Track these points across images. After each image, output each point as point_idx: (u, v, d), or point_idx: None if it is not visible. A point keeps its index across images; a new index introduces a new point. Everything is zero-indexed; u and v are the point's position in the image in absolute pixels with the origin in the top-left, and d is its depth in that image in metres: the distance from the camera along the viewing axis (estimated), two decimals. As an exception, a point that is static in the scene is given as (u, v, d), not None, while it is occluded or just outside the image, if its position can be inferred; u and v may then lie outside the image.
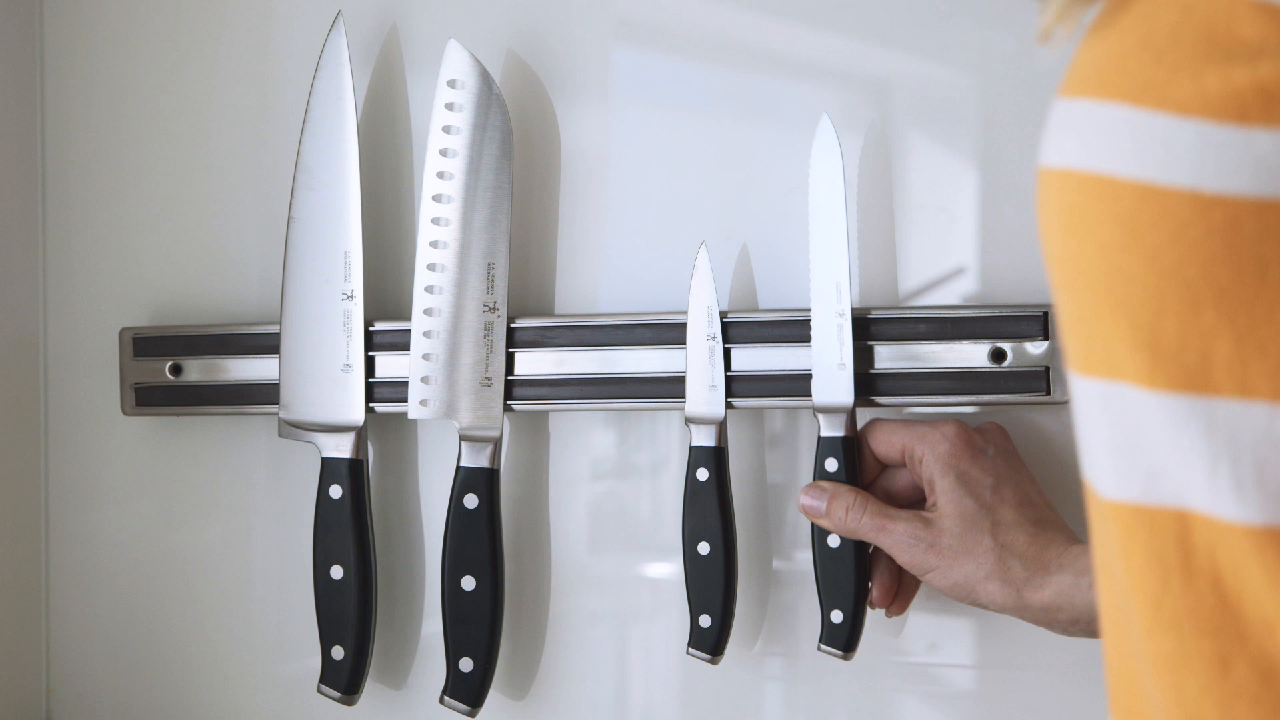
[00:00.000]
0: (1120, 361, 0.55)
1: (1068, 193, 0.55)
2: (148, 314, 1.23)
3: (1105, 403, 0.56)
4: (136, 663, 1.24)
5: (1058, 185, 0.56)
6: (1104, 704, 1.07)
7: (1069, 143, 0.56)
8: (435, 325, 1.12)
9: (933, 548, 0.99)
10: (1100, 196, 0.54)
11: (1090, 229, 0.55)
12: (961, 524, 0.98)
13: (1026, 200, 1.08)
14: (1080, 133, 0.55)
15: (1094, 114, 0.55)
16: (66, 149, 1.26)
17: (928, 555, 0.99)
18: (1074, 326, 0.56)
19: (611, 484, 1.18)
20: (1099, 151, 0.54)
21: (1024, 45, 1.08)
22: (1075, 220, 0.55)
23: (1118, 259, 0.54)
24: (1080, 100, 0.56)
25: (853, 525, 1.02)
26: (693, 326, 1.09)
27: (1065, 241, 0.56)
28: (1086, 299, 0.55)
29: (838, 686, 1.12)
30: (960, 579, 0.98)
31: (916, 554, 0.99)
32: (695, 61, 1.17)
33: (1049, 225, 0.57)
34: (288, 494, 1.21)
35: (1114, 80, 0.54)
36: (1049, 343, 1.03)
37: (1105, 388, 0.55)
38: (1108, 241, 0.54)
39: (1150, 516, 0.55)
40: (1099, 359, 0.55)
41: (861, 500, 1.02)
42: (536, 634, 1.17)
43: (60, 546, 1.26)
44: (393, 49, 1.18)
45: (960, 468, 0.99)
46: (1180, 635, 0.54)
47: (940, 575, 0.98)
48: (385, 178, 1.18)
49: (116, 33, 1.25)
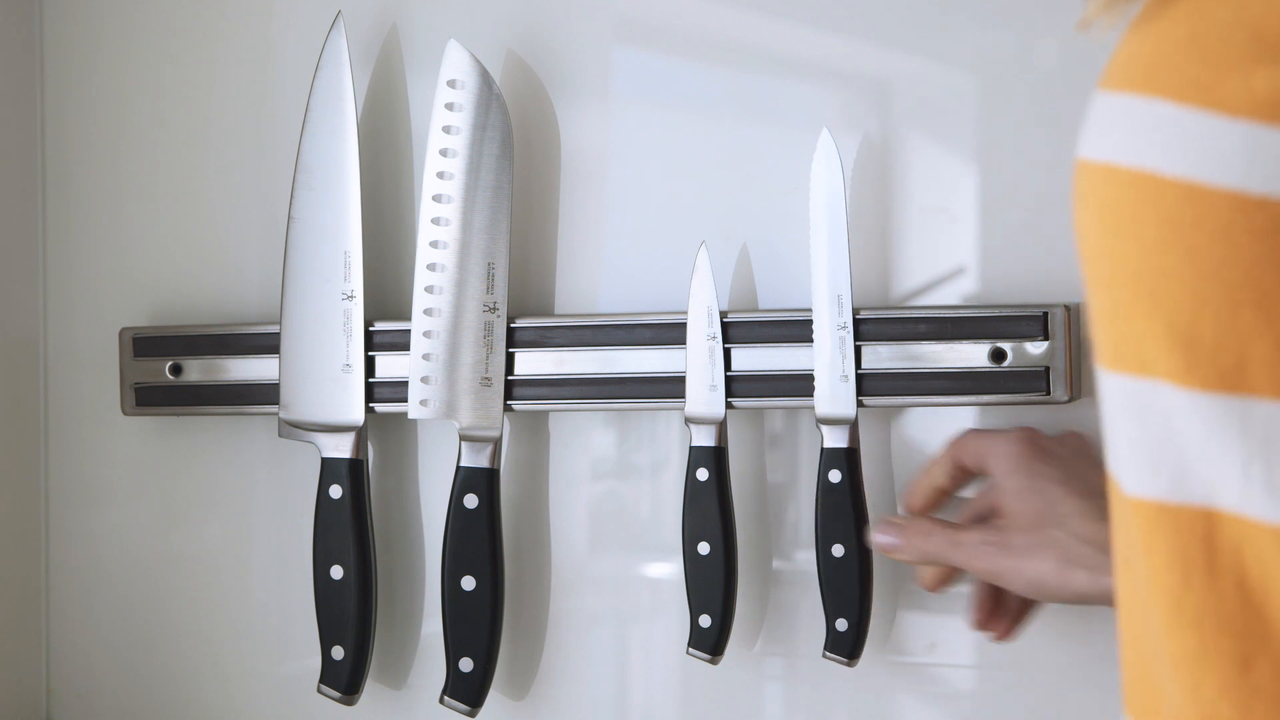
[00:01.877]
0: (1153, 359, 0.54)
1: (1108, 188, 0.55)
2: (148, 314, 1.23)
3: (1134, 400, 0.55)
4: (136, 662, 1.24)
5: (1098, 180, 0.55)
6: (1103, 704, 1.07)
7: (1111, 138, 0.55)
8: (435, 325, 1.12)
9: (1004, 549, 0.96)
10: (1142, 194, 0.54)
11: (1130, 227, 0.54)
12: (1030, 520, 0.96)
13: (1026, 200, 1.08)
14: (1123, 128, 0.55)
15: (1138, 110, 0.54)
16: (66, 149, 1.26)
17: (1000, 558, 0.96)
18: (1107, 322, 0.56)
19: (611, 484, 1.18)
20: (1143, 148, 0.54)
21: (1024, 45, 1.08)
22: (1115, 217, 0.55)
23: (1158, 258, 0.53)
24: (1124, 95, 0.55)
25: (930, 549, 1.00)
26: (693, 326, 1.09)
27: (1103, 237, 0.55)
28: (1122, 296, 0.55)
29: (838, 686, 1.12)
30: (1035, 576, 0.95)
31: (989, 559, 0.97)
32: (695, 61, 1.17)
33: (1086, 220, 0.56)
34: (288, 494, 1.21)
35: (1160, 76, 0.54)
36: (1049, 343, 1.03)
37: (1135, 385, 0.55)
38: (1148, 240, 0.54)
39: (1175, 514, 0.55)
40: (1131, 356, 0.55)
41: (929, 524, 1.00)
42: (536, 634, 1.17)
43: (60, 546, 1.26)
44: (393, 49, 1.18)
45: (1029, 467, 0.98)
46: (1201, 634, 0.54)
47: (1016, 574, 0.96)
48: (385, 178, 1.18)
49: (116, 33, 1.25)
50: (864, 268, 1.09)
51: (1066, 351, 1.03)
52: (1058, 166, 1.07)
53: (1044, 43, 1.08)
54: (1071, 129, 1.07)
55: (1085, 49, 1.06)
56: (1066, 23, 1.07)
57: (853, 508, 1.06)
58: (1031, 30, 1.08)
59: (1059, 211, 1.07)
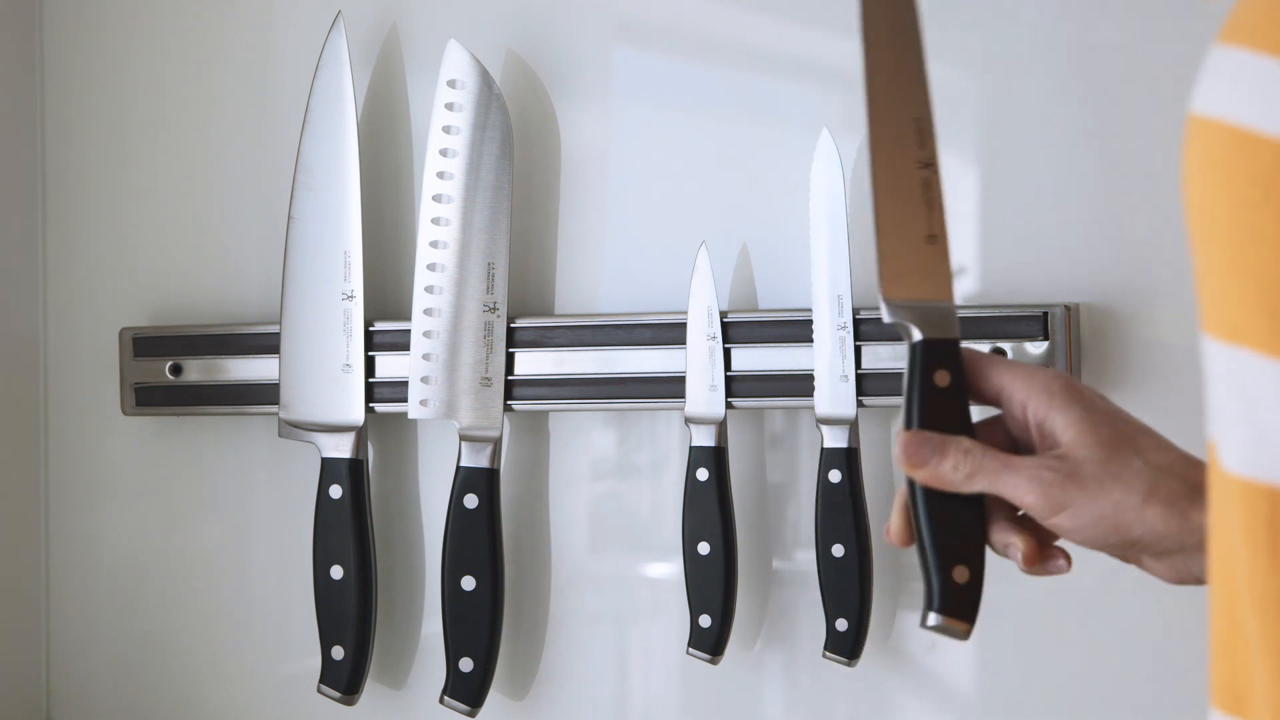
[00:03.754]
0: (1241, 324, 0.53)
1: (1210, 143, 0.54)
2: (148, 314, 1.23)
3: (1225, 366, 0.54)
4: (137, 662, 1.24)
5: (1202, 134, 0.54)
6: (1103, 703, 1.07)
7: (1217, 91, 0.54)
8: (435, 325, 1.12)
9: (1071, 477, 0.79)
10: (1240, 151, 0.53)
11: (1227, 183, 0.53)
12: (1103, 449, 0.80)
13: (1026, 200, 1.08)
14: (1229, 82, 0.54)
15: (1245, 64, 0.53)
16: (66, 149, 1.26)
17: (1066, 487, 0.79)
18: (1205, 281, 0.55)
19: (611, 484, 1.18)
20: (1245, 104, 0.53)
21: (1025, 45, 1.08)
22: (1214, 172, 0.54)
23: (1250, 217, 0.52)
24: (1235, 49, 0.54)
25: (970, 469, 0.81)
26: (693, 326, 1.09)
27: (1203, 192, 0.54)
28: (1216, 256, 0.54)
29: (838, 686, 1.12)
30: (1108, 509, 0.79)
31: (1053, 489, 0.79)
32: (695, 61, 1.17)
33: (1191, 173, 0.55)
34: (288, 494, 1.21)
35: (1268, 31, 0.53)
36: (1049, 343, 1.03)
37: (1224, 351, 0.54)
38: (1242, 198, 0.53)
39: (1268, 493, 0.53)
40: (1224, 320, 0.54)
41: (971, 440, 0.81)
42: (536, 634, 1.17)
43: (60, 546, 1.26)
44: (393, 49, 1.18)
45: (1086, 399, 0.82)
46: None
47: (1082, 510, 0.79)
48: (385, 178, 1.18)
49: (117, 33, 1.25)
50: (864, 268, 1.09)
51: (1066, 351, 1.03)
52: (1058, 167, 1.07)
53: (1045, 43, 1.08)
54: (1072, 130, 1.07)
55: (1085, 49, 1.06)
56: (1068, 23, 1.07)
57: (853, 508, 1.06)
58: (1033, 30, 1.08)
59: (1059, 211, 1.08)
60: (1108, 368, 1.05)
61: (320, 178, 1.15)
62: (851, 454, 1.06)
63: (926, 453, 0.81)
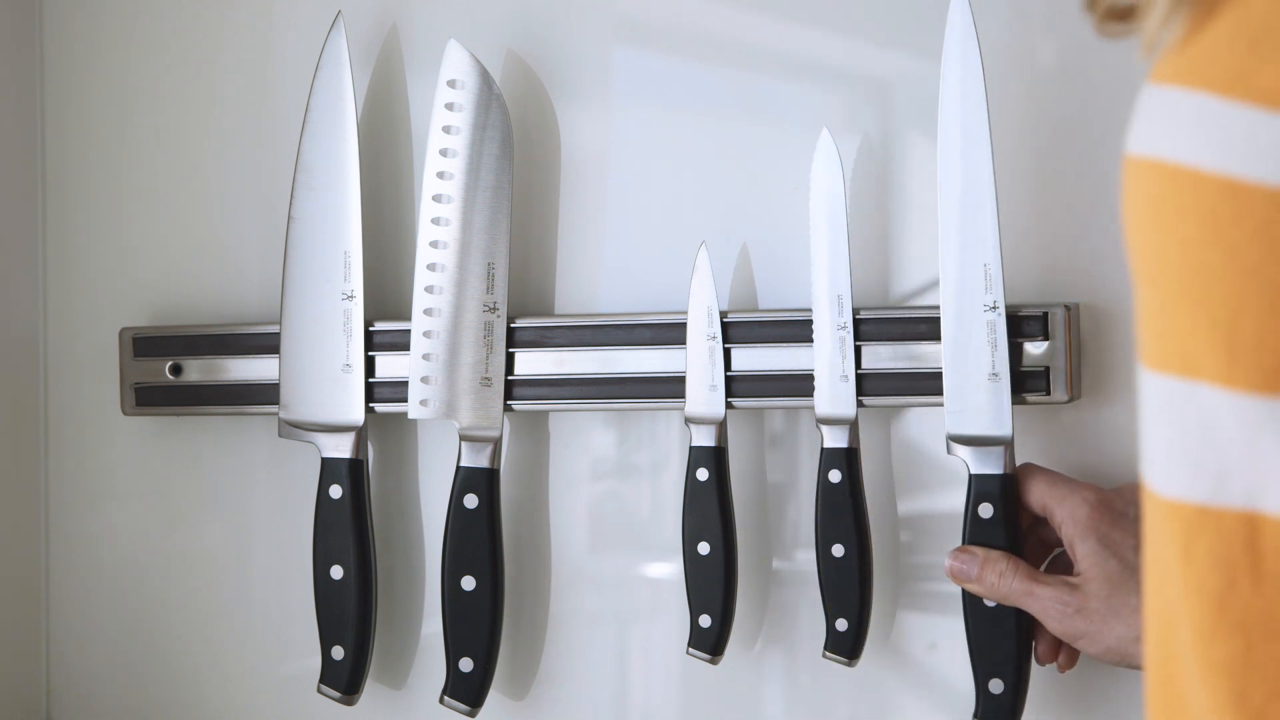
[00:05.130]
0: (1196, 359, 0.53)
1: (1152, 183, 0.54)
2: (148, 314, 1.23)
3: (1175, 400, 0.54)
4: (137, 663, 1.24)
5: (1143, 175, 0.54)
6: (1103, 702, 1.07)
7: (1155, 131, 0.54)
8: (435, 325, 1.12)
9: (1080, 612, 0.96)
10: (1183, 189, 0.53)
11: (1172, 222, 0.53)
12: (1107, 586, 0.95)
13: (1026, 200, 1.07)
14: (1166, 122, 0.54)
15: (1181, 103, 0.53)
16: (66, 149, 1.26)
17: (1076, 620, 0.96)
18: (1151, 320, 0.55)
19: (611, 484, 1.18)
20: (1184, 143, 0.53)
21: (1024, 45, 1.08)
22: (1158, 212, 0.54)
23: (1198, 254, 0.52)
24: (1169, 88, 0.54)
25: (1004, 590, 0.99)
26: (693, 326, 1.09)
27: (1147, 233, 0.54)
28: (1166, 294, 0.54)
29: (838, 687, 1.12)
30: (1113, 643, 0.95)
31: (1066, 620, 0.96)
32: (695, 61, 1.17)
33: (1132, 215, 0.55)
34: (288, 494, 1.21)
35: (1203, 68, 0.53)
36: (1049, 343, 1.03)
37: (1176, 385, 0.54)
38: (1189, 236, 0.53)
39: (1217, 518, 0.53)
40: (1174, 355, 0.54)
41: (1012, 565, 0.99)
42: (536, 634, 1.17)
43: (60, 546, 1.26)
44: (393, 49, 1.18)
45: (1101, 531, 0.97)
46: (1248, 639, 0.53)
47: (1091, 641, 0.96)
48: (385, 178, 1.18)
49: (116, 33, 1.25)
50: (864, 268, 1.09)
51: (1066, 352, 1.03)
52: (1058, 167, 1.07)
53: (1044, 43, 1.08)
54: (1072, 129, 1.07)
55: (1085, 49, 1.06)
56: (1066, 23, 1.07)
57: (853, 508, 1.06)
58: (1031, 30, 1.08)
59: (1059, 212, 1.08)
60: (1108, 368, 1.05)
61: (320, 178, 1.15)
62: (851, 454, 1.06)
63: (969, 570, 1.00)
